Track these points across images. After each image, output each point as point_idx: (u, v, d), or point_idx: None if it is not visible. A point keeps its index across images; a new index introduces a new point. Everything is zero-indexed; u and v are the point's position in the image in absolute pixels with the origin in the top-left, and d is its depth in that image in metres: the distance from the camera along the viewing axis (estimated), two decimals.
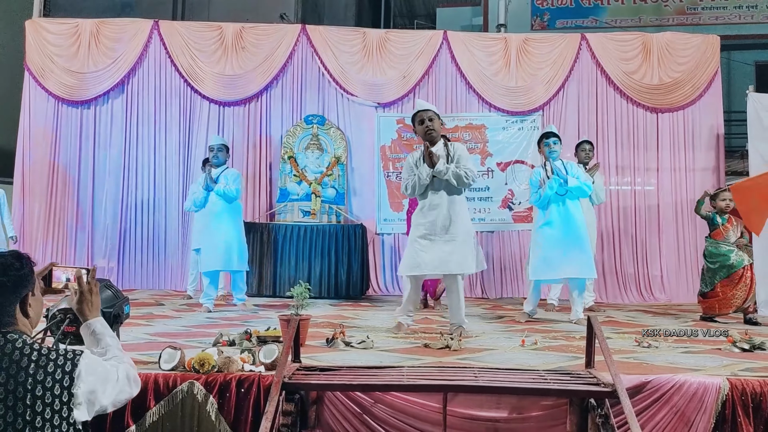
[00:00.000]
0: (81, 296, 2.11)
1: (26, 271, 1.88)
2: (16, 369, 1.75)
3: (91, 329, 2.11)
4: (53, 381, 1.77)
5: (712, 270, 5.43)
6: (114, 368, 1.95)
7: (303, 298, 3.68)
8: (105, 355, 2.04)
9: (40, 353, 1.79)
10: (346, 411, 2.64)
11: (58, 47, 7.78)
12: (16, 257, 1.88)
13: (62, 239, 7.66)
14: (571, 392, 2.40)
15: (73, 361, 1.81)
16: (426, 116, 4.32)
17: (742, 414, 2.54)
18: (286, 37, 7.97)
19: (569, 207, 5.04)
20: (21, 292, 1.86)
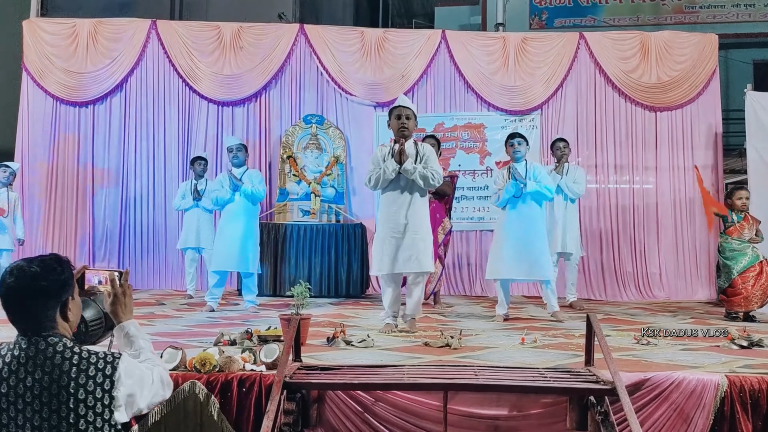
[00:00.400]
0: (114, 298, 2.10)
1: (67, 275, 1.88)
2: (59, 373, 1.75)
3: (125, 331, 2.10)
4: (94, 384, 1.78)
5: (728, 265, 5.40)
6: (149, 371, 1.96)
7: (303, 297, 3.70)
8: (138, 357, 2.05)
9: (80, 356, 1.80)
10: (347, 409, 2.66)
11: (55, 47, 7.78)
12: (57, 261, 1.88)
13: (62, 239, 7.66)
14: (570, 390, 2.42)
15: (113, 364, 1.82)
16: (404, 113, 4.35)
17: (740, 411, 2.56)
18: (285, 36, 7.97)
19: (526, 209, 5.07)
20: (62, 297, 1.86)
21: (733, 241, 5.46)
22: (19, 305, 1.80)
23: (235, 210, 5.70)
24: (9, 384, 1.74)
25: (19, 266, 1.82)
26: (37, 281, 1.79)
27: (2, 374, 1.75)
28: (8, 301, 1.81)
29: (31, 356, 1.76)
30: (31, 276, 1.79)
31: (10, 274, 1.81)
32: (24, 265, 1.82)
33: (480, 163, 7.94)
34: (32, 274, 1.79)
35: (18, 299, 1.80)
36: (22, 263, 1.83)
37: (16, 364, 1.75)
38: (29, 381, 1.74)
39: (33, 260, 1.85)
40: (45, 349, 1.77)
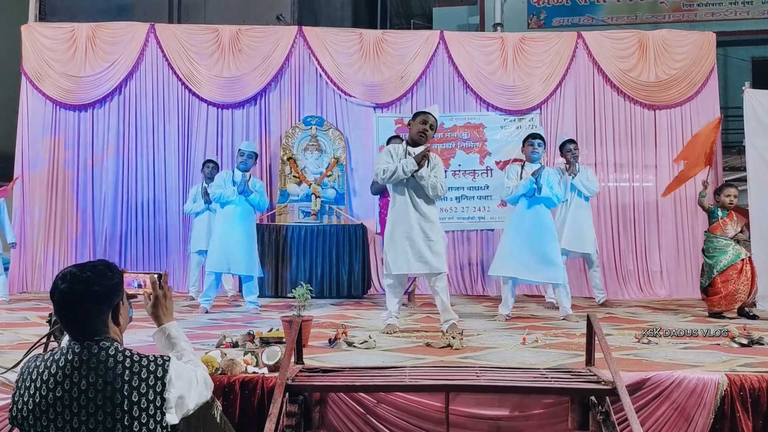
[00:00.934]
0: (155, 301, 2.12)
1: (117, 279, 1.90)
2: (112, 376, 1.78)
3: (166, 333, 2.13)
4: (147, 386, 1.80)
5: (710, 264, 5.46)
6: (193, 372, 1.99)
7: (305, 299, 3.71)
8: (181, 359, 2.06)
9: (132, 360, 1.83)
10: (349, 411, 2.67)
11: (54, 51, 7.78)
12: (107, 266, 1.91)
13: (63, 243, 7.67)
14: (571, 390, 2.43)
15: (164, 366, 1.85)
16: (430, 121, 4.38)
17: (740, 409, 2.57)
18: (283, 38, 7.98)
19: (539, 209, 5.08)
20: (113, 301, 1.89)
21: (715, 239, 5.50)
22: (73, 310, 1.83)
23: (234, 212, 5.70)
24: (64, 388, 1.77)
25: (72, 272, 1.85)
26: (89, 286, 1.82)
27: (57, 379, 1.78)
28: (61, 306, 1.83)
29: (85, 360, 1.79)
30: (84, 281, 1.82)
31: (63, 280, 1.83)
32: (76, 270, 1.85)
33: (480, 163, 7.96)
34: (85, 279, 1.82)
35: (71, 304, 1.82)
36: (74, 269, 1.86)
37: (70, 368, 1.78)
38: (83, 384, 1.77)
39: (84, 266, 1.88)
40: (98, 353, 1.80)
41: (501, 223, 7.90)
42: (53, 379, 1.78)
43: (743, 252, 5.40)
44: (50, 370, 1.80)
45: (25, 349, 3.05)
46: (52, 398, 1.77)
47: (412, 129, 4.42)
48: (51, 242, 7.63)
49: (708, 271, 5.48)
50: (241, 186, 5.70)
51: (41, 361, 1.85)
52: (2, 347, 3.62)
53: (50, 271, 7.55)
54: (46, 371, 1.80)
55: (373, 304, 6.41)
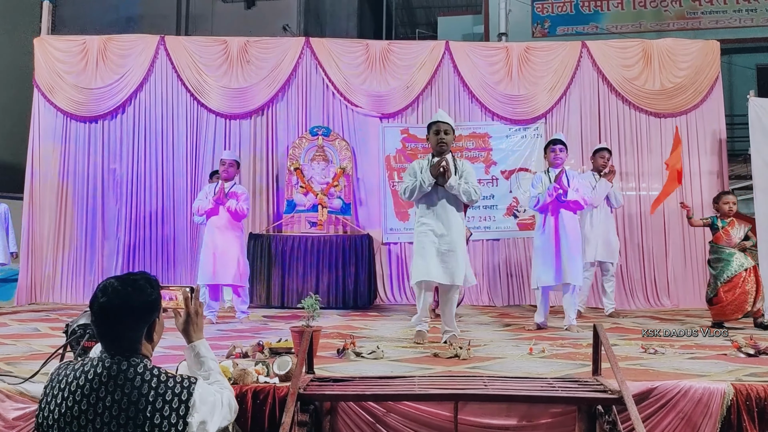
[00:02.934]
0: (187, 317, 2.08)
1: (156, 295, 1.89)
2: (137, 395, 1.77)
3: (196, 351, 2.08)
4: (170, 409, 1.78)
5: (714, 276, 5.46)
6: (219, 394, 1.96)
7: (314, 309, 3.75)
8: (208, 378, 2.04)
9: (159, 380, 1.81)
10: (359, 421, 2.71)
11: (66, 64, 7.89)
12: (148, 281, 1.89)
13: (73, 254, 7.72)
14: (578, 399, 2.46)
15: (189, 390, 1.82)
16: (442, 128, 4.40)
17: (747, 419, 2.59)
18: (290, 50, 8.07)
19: (563, 216, 5.11)
20: (151, 318, 1.88)
21: (719, 249, 5.49)
22: (109, 324, 1.82)
23: (220, 223, 5.71)
24: (90, 402, 1.76)
25: (113, 285, 1.84)
26: (129, 302, 1.81)
27: (84, 391, 1.77)
28: (99, 319, 1.83)
29: (113, 376, 1.78)
30: (124, 296, 1.81)
31: (103, 293, 1.82)
32: (117, 284, 1.84)
33: (485, 173, 8.00)
34: (124, 293, 1.81)
35: (109, 318, 1.81)
36: (116, 283, 1.85)
37: (98, 382, 1.78)
38: (108, 401, 1.76)
39: (126, 280, 1.86)
40: (126, 370, 1.79)
41: (506, 232, 7.95)
42: (80, 391, 1.77)
43: (747, 261, 5.39)
44: (79, 381, 1.79)
45: (40, 360, 3.10)
46: (77, 410, 1.76)
47: (431, 143, 4.47)
48: (60, 253, 7.69)
49: (713, 282, 5.47)
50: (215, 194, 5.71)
51: (71, 371, 1.84)
52: (16, 358, 3.67)
53: (59, 282, 7.62)
54: (75, 382, 1.79)
55: (379, 315, 6.44)
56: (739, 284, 5.30)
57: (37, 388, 2.85)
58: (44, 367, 2.90)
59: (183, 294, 2.08)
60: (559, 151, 5.23)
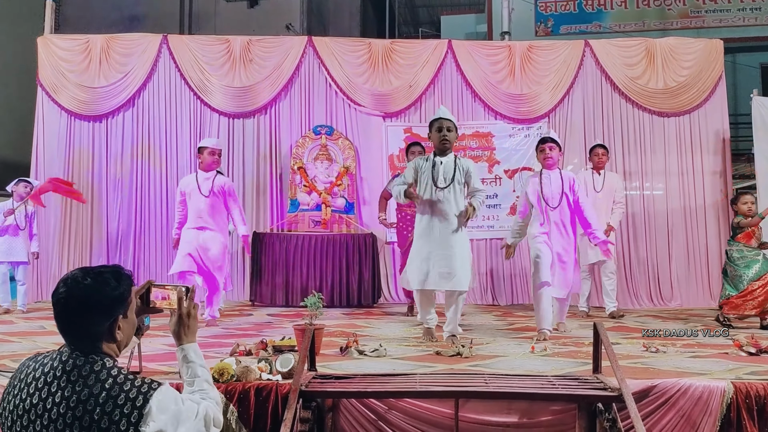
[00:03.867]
0: (179, 318, 1.94)
1: (122, 291, 1.75)
2: (88, 395, 1.63)
3: (184, 354, 1.94)
4: (121, 415, 1.63)
5: (739, 271, 5.36)
6: (194, 404, 1.78)
7: (317, 308, 3.77)
8: (192, 385, 1.90)
9: (115, 381, 1.66)
10: (361, 417, 2.73)
11: (69, 63, 7.91)
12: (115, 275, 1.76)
13: (77, 252, 7.75)
14: (578, 397, 2.48)
15: (146, 395, 1.66)
16: (445, 125, 4.32)
17: (746, 416, 2.61)
18: (293, 49, 8.08)
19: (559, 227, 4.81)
20: (112, 314, 1.74)
21: (744, 248, 5.43)
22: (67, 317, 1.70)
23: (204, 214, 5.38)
24: (40, 396, 1.65)
25: (74, 276, 1.72)
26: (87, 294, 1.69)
27: (37, 384, 1.67)
28: (57, 310, 1.71)
29: (67, 371, 1.66)
30: (83, 288, 1.69)
31: (64, 284, 1.72)
32: (79, 275, 1.72)
33: (488, 172, 8.00)
34: (84, 286, 1.70)
35: (66, 311, 1.70)
36: (78, 273, 1.73)
37: (52, 376, 1.67)
38: (58, 397, 1.64)
39: (89, 272, 1.74)
40: (82, 366, 1.67)
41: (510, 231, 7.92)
42: (35, 384, 1.67)
43: None
44: (36, 373, 1.69)
45: None
46: (29, 404, 1.66)
47: (433, 140, 4.39)
48: (66, 252, 7.72)
49: (738, 280, 5.35)
50: None
51: (33, 362, 1.74)
52: (22, 355, 3.70)
53: None
54: (33, 374, 1.69)
55: (383, 313, 6.46)
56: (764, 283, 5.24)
57: None
58: None
59: (178, 293, 1.96)
60: (549, 149, 4.77)
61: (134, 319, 1.84)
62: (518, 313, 6.55)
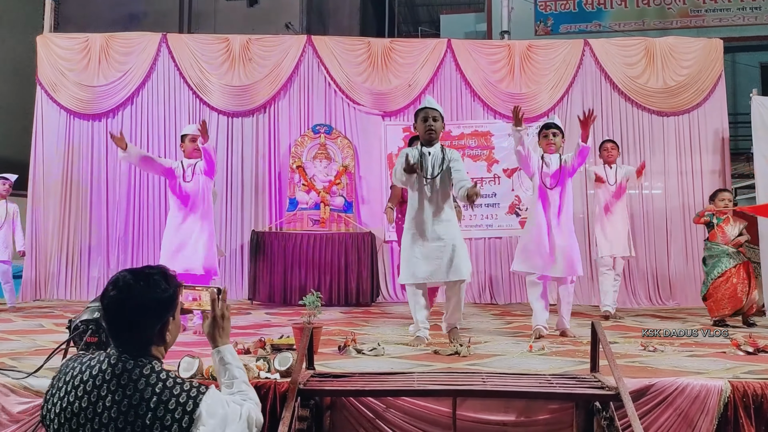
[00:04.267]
0: (213, 320, 1.94)
1: (171, 293, 1.75)
2: (139, 399, 1.63)
3: (221, 356, 1.94)
4: (172, 420, 1.63)
5: (706, 272, 5.54)
6: (237, 406, 1.79)
7: (315, 306, 3.77)
8: (231, 387, 1.90)
9: (164, 385, 1.66)
10: (359, 416, 2.73)
11: (69, 62, 7.92)
12: (164, 277, 1.75)
13: (76, 251, 7.76)
14: (576, 395, 2.48)
15: (196, 400, 1.66)
16: (431, 115, 4.22)
17: (743, 415, 2.61)
18: (293, 48, 8.09)
19: None
20: (163, 316, 1.74)
21: (714, 246, 5.53)
22: (118, 320, 1.70)
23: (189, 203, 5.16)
24: (90, 399, 1.64)
25: (125, 278, 1.72)
26: (140, 297, 1.69)
27: (86, 387, 1.66)
28: (108, 313, 1.71)
29: (117, 374, 1.66)
30: (135, 291, 1.69)
31: (114, 286, 1.71)
32: (130, 278, 1.72)
33: (487, 171, 8.01)
34: (136, 288, 1.69)
35: (118, 313, 1.70)
36: (129, 276, 1.73)
37: (101, 379, 1.66)
38: (108, 401, 1.63)
39: (139, 273, 1.74)
40: (132, 370, 1.66)
41: (509, 230, 7.96)
42: (83, 387, 1.66)
43: (738, 257, 5.43)
44: (83, 376, 1.68)
45: (44, 355, 3.12)
46: (78, 407, 1.65)
47: (419, 130, 4.30)
48: (64, 250, 7.73)
49: (706, 279, 5.53)
50: None
51: (78, 364, 1.73)
52: (21, 353, 3.71)
53: (63, 279, 7.66)
54: (80, 376, 1.68)
55: (381, 312, 6.46)
56: (729, 279, 5.33)
57: (41, 382, 2.89)
58: (48, 362, 2.93)
59: (210, 295, 1.95)
60: (553, 135, 4.70)
61: (180, 321, 1.84)
62: (516, 312, 6.55)
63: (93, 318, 2.76)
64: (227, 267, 7.75)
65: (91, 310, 2.86)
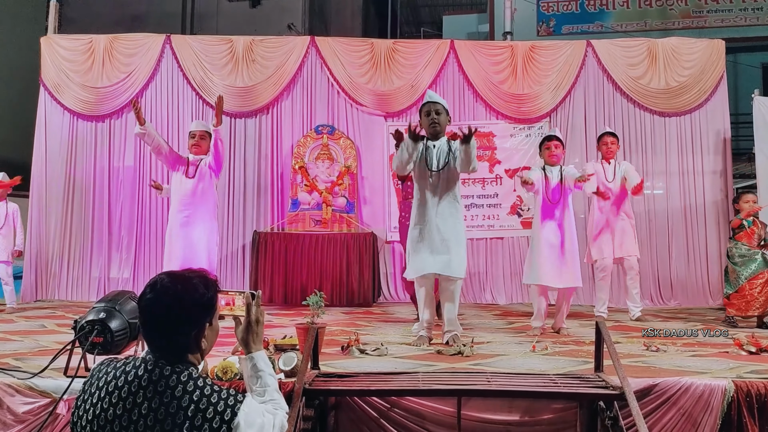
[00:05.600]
0: (247, 326, 1.89)
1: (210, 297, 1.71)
2: (176, 407, 1.59)
3: (254, 362, 1.88)
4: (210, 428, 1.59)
5: (737, 270, 5.42)
6: (271, 415, 1.76)
7: (318, 306, 3.78)
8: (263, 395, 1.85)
9: (202, 392, 1.62)
10: (363, 416, 2.74)
11: (73, 63, 7.93)
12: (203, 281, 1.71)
13: (78, 251, 7.76)
14: (580, 395, 2.49)
15: (234, 409, 1.63)
16: (434, 108, 4.23)
17: (747, 415, 2.62)
18: (296, 49, 8.10)
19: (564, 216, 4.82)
20: (201, 321, 1.69)
21: (743, 247, 5.48)
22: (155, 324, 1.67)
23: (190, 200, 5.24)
24: (125, 406, 1.60)
25: (162, 281, 1.69)
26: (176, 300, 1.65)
27: (121, 393, 1.62)
28: (144, 317, 1.68)
29: (153, 381, 1.62)
30: (173, 294, 1.66)
31: (151, 290, 1.68)
32: (167, 281, 1.69)
33: (489, 171, 8.02)
34: (173, 292, 1.66)
35: (155, 317, 1.66)
36: (165, 279, 1.69)
37: (137, 385, 1.62)
38: (145, 408, 1.59)
39: (177, 277, 1.71)
40: (168, 376, 1.62)
41: (510, 231, 7.97)
42: (118, 393, 1.62)
43: None
44: (118, 381, 1.64)
45: (48, 356, 3.14)
46: (112, 414, 1.60)
47: (423, 124, 4.28)
48: (66, 251, 7.73)
49: (735, 277, 5.41)
50: None
51: (112, 368, 1.68)
52: (24, 354, 3.72)
53: (65, 280, 7.67)
54: (114, 382, 1.64)
55: (383, 313, 6.47)
56: (764, 281, 5.28)
57: (46, 383, 2.90)
58: (53, 362, 2.94)
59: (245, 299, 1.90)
60: (555, 147, 4.86)
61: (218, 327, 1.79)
62: (517, 312, 6.56)
63: (99, 318, 2.77)
64: (229, 267, 7.76)
65: (97, 310, 2.87)
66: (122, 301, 2.88)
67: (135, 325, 2.90)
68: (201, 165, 5.28)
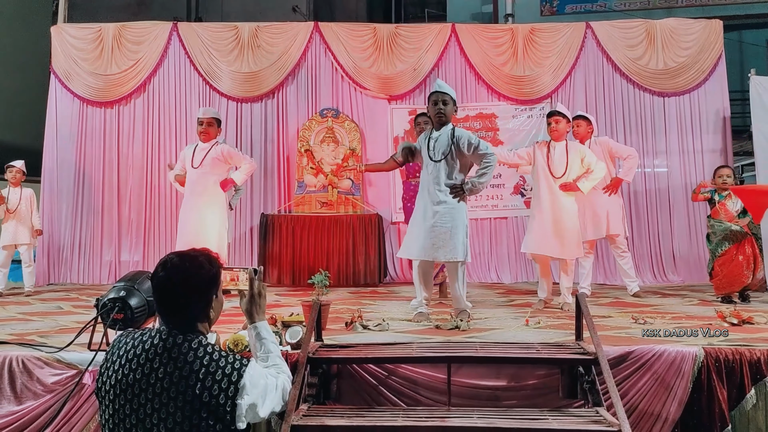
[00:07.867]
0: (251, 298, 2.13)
1: (215, 272, 1.93)
2: (188, 371, 1.79)
3: (257, 331, 2.14)
4: (219, 389, 1.80)
5: (711, 250, 5.59)
6: (274, 378, 1.99)
7: (323, 285, 3.99)
8: (266, 360, 2.08)
9: (211, 357, 1.83)
10: (363, 383, 2.97)
11: (82, 51, 8.11)
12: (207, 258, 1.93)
13: (89, 235, 7.97)
14: (560, 360, 2.71)
15: (240, 371, 1.84)
16: (441, 98, 4.36)
17: (716, 379, 2.83)
18: (300, 34, 8.25)
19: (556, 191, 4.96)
20: (208, 294, 1.91)
21: (716, 224, 5.53)
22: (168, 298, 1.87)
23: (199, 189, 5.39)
24: (144, 371, 1.80)
25: (172, 260, 1.90)
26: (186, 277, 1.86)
27: (140, 360, 1.82)
28: (158, 293, 1.89)
29: (168, 348, 1.82)
30: (182, 271, 1.87)
31: (163, 267, 1.89)
32: (176, 259, 1.90)
33: None
34: (183, 269, 1.87)
35: (168, 293, 1.87)
36: (175, 258, 1.91)
37: (153, 353, 1.82)
38: (161, 372, 1.79)
39: (184, 256, 1.92)
40: (181, 344, 1.83)
41: (514, 210, 8.15)
42: (136, 360, 1.82)
43: (741, 234, 5.41)
44: (136, 350, 1.84)
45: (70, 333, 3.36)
46: (132, 379, 1.80)
47: (430, 113, 4.46)
48: (77, 236, 7.95)
49: (710, 256, 5.59)
50: None
51: (131, 339, 1.89)
52: (47, 332, 3.94)
53: (76, 264, 7.90)
54: (133, 350, 1.84)
55: (388, 292, 6.65)
56: (735, 257, 5.37)
57: (72, 356, 3.14)
58: (78, 337, 3.17)
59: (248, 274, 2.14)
60: (555, 122, 4.98)
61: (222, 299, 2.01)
62: (521, 290, 6.73)
63: (119, 296, 2.97)
64: (237, 249, 7.98)
65: (117, 288, 3.07)
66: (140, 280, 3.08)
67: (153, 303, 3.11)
68: (209, 154, 5.46)
